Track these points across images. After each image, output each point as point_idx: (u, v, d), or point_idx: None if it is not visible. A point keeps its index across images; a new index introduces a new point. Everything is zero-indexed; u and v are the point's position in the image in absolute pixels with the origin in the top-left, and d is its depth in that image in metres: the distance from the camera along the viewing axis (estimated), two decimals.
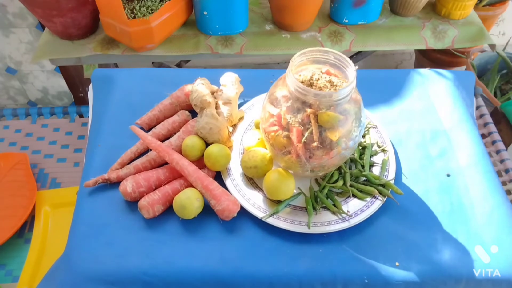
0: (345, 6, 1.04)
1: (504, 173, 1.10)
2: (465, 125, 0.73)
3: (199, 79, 0.71)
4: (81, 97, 1.58)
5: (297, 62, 0.55)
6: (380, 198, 0.62)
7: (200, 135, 0.67)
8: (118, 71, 0.83)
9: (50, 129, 1.50)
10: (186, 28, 1.08)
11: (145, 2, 0.97)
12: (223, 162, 0.64)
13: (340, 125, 0.54)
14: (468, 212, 0.63)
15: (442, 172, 0.68)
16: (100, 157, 0.69)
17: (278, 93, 0.57)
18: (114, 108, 0.76)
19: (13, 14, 1.29)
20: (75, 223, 0.61)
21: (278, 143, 0.58)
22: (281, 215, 0.60)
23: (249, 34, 1.07)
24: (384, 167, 0.66)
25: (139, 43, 0.98)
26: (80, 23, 1.00)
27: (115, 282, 0.56)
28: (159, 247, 0.58)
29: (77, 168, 1.38)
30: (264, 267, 0.57)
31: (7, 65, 1.46)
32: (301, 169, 0.60)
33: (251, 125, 0.72)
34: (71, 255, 0.58)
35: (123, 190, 0.62)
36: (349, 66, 0.54)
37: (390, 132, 0.73)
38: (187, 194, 0.60)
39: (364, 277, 0.56)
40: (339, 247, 0.59)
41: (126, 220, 0.61)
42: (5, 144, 1.45)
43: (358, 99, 0.56)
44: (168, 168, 0.66)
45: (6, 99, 1.60)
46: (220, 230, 0.60)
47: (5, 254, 1.16)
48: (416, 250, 0.59)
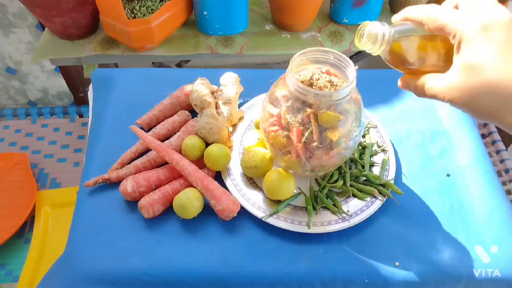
0: (345, 6, 1.04)
1: (504, 173, 1.10)
2: (465, 125, 0.73)
3: (199, 79, 0.71)
4: (81, 97, 1.58)
5: (297, 62, 0.55)
6: (380, 198, 0.62)
7: (200, 135, 0.67)
8: (118, 71, 0.83)
9: (50, 129, 1.51)
10: (186, 28, 1.08)
11: (145, 2, 0.97)
12: (223, 162, 0.64)
13: (340, 125, 0.54)
14: (468, 212, 0.63)
15: (442, 172, 0.68)
16: (100, 157, 0.69)
17: (278, 93, 0.57)
18: (114, 108, 0.76)
19: (13, 14, 1.29)
20: (75, 223, 0.61)
21: (278, 143, 0.58)
22: (281, 215, 0.60)
23: (249, 34, 1.07)
24: (384, 167, 0.66)
25: (139, 43, 0.98)
26: (80, 23, 1.00)
27: (115, 282, 0.56)
28: (159, 247, 0.58)
29: (77, 168, 1.39)
30: (264, 267, 0.57)
31: (7, 65, 1.46)
32: (301, 169, 0.60)
33: (251, 125, 0.72)
34: (71, 255, 0.58)
35: (123, 190, 0.62)
36: (349, 66, 0.54)
37: (390, 132, 0.73)
38: (187, 194, 0.60)
39: (364, 277, 0.56)
40: (339, 247, 0.59)
41: (126, 220, 0.61)
42: (5, 144, 1.45)
43: (358, 99, 0.56)
44: (168, 168, 0.66)
45: (6, 99, 1.60)
46: (220, 230, 0.60)
47: (5, 254, 1.16)
48: (416, 250, 0.59)
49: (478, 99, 0.35)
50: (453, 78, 0.37)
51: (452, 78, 0.37)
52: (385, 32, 0.41)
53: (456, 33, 0.36)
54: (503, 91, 0.34)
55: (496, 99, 0.35)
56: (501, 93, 0.34)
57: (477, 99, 0.35)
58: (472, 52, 0.35)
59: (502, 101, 0.34)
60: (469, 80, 0.36)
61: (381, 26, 0.41)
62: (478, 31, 0.35)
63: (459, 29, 0.36)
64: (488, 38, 0.35)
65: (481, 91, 0.35)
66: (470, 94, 0.36)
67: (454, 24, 0.37)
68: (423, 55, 0.41)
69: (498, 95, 0.34)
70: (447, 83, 0.37)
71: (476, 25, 0.35)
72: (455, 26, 0.36)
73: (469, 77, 0.36)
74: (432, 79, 0.39)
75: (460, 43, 0.36)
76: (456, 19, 0.37)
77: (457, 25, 0.36)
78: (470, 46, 0.36)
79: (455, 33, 0.37)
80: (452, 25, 0.37)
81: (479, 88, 0.35)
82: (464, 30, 0.36)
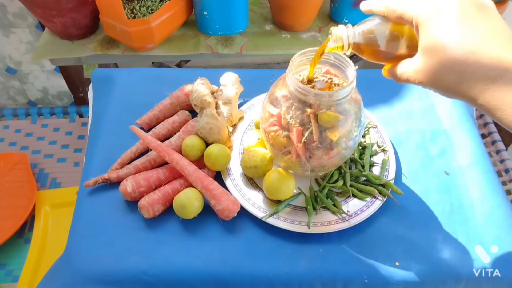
0: (345, 6, 1.04)
1: (504, 173, 1.10)
2: (465, 125, 0.73)
3: (199, 79, 0.71)
4: (81, 97, 1.58)
5: (297, 62, 0.55)
6: (380, 198, 0.62)
7: (200, 135, 0.67)
8: (118, 71, 0.83)
9: (50, 129, 1.51)
10: (186, 28, 1.08)
11: (145, 2, 0.97)
12: (223, 162, 0.64)
13: (340, 125, 0.54)
14: (468, 212, 0.63)
15: (442, 172, 0.68)
16: (100, 157, 0.69)
17: (278, 93, 0.57)
18: (114, 108, 0.76)
19: (13, 14, 1.29)
20: (75, 223, 0.61)
21: (278, 143, 0.58)
22: (281, 215, 0.60)
23: (249, 34, 1.07)
24: (384, 167, 0.66)
25: (139, 43, 0.98)
26: (80, 23, 1.00)
27: (115, 282, 0.56)
28: (159, 247, 0.58)
29: (77, 168, 1.39)
30: (264, 267, 0.57)
31: (7, 65, 1.46)
32: (301, 169, 0.60)
33: (251, 125, 0.72)
34: (71, 255, 0.58)
35: (123, 190, 0.62)
36: (349, 66, 0.54)
37: (390, 132, 0.73)
38: (187, 194, 0.60)
39: (364, 277, 0.56)
40: (339, 247, 0.59)
41: (126, 220, 0.61)
42: (5, 144, 1.45)
43: (358, 99, 0.56)
44: (168, 168, 0.66)
45: (6, 99, 1.60)
46: (220, 230, 0.60)
47: (5, 254, 1.16)
48: (416, 250, 0.59)
49: (441, 78, 0.37)
50: (417, 61, 0.39)
51: (417, 61, 0.39)
52: (349, 34, 0.44)
53: (412, 19, 0.39)
54: (458, 68, 0.36)
55: (455, 76, 0.36)
56: (456, 70, 0.36)
57: (439, 78, 0.37)
58: (427, 35, 0.38)
59: (459, 77, 0.36)
60: (429, 62, 0.38)
61: (345, 28, 0.45)
62: (431, 15, 0.37)
63: (414, 15, 0.38)
64: (440, 19, 0.37)
65: (440, 70, 0.37)
66: (432, 75, 0.38)
67: (410, 11, 0.39)
68: (392, 45, 0.44)
69: (455, 72, 0.36)
70: (414, 66, 0.40)
71: (429, 9, 0.38)
72: (411, 13, 0.39)
73: (429, 59, 0.38)
74: (402, 64, 0.42)
75: (417, 28, 0.39)
76: (411, 6, 0.39)
77: (412, 11, 0.39)
78: (425, 30, 0.38)
79: (411, 20, 0.39)
80: (408, 13, 0.39)
81: (438, 68, 0.37)
82: (418, 15, 0.38)
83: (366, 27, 0.44)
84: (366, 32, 0.44)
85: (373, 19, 0.44)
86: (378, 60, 0.46)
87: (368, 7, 0.44)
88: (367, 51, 0.45)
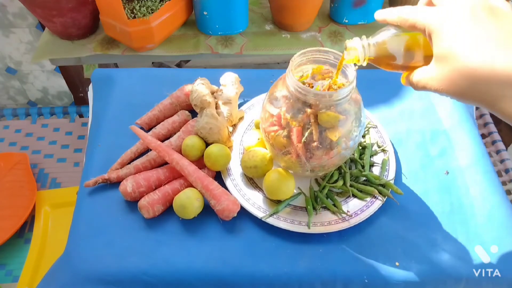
0: (345, 6, 1.04)
1: (504, 173, 1.10)
2: (465, 125, 0.73)
3: (199, 79, 0.71)
4: (81, 97, 1.58)
5: (297, 62, 0.55)
6: (380, 198, 0.62)
7: (200, 135, 0.67)
8: (118, 71, 0.83)
9: (50, 129, 1.51)
10: (186, 28, 1.08)
11: (145, 2, 0.97)
12: (223, 162, 0.64)
13: (340, 125, 0.54)
14: (468, 212, 0.63)
15: (442, 172, 0.68)
16: (100, 157, 0.69)
17: (278, 93, 0.57)
18: (114, 108, 0.76)
19: (13, 14, 1.29)
20: (75, 223, 0.61)
21: (278, 143, 0.58)
22: (281, 215, 0.60)
23: (249, 34, 1.07)
24: (384, 167, 0.66)
25: (139, 43, 0.98)
26: (80, 23, 1.00)
27: (115, 282, 0.56)
28: (159, 247, 0.58)
29: (77, 168, 1.39)
30: (264, 267, 0.57)
31: (7, 65, 1.46)
32: (301, 169, 0.60)
33: (251, 125, 0.72)
34: (71, 255, 0.58)
35: (123, 190, 0.62)
36: (349, 66, 0.54)
37: (390, 132, 0.73)
38: (187, 194, 0.60)
39: (364, 277, 0.56)
40: (339, 247, 0.59)
41: (126, 220, 0.61)
42: (5, 144, 1.45)
43: (358, 99, 0.56)
44: (168, 168, 0.66)
45: (6, 99, 1.60)
46: (220, 230, 0.60)
47: (5, 254, 1.16)
48: (416, 250, 0.59)
49: (456, 86, 0.37)
50: (432, 69, 0.39)
51: (432, 69, 0.39)
52: (364, 46, 0.44)
53: (424, 27, 0.39)
54: (473, 75, 0.36)
55: (470, 83, 0.36)
56: (471, 77, 0.36)
57: (455, 86, 0.37)
58: (440, 43, 0.38)
59: (474, 84, 0.36)
60: (444, 70, 0.38)
61: (359, 41, 0.45)
62: (442, 22, 0.37)
63: (426, 24, 0.39)
64: (452, 27, 0.37)
65: (455, 78, 0.37)
66: (448, 82, 0.38)
67: (422, 20, 0.39)
68: (407, 54, 0.44)
69: (470, 79, 0.36)
70: (429, 74, 0.40)
71: (440, 16, 0.38)
72: (423, 22, 0.39)
73: (443, 67, 0.38)
74: (418, 72, 0.42)
75: (430, 36, 0.39)
76: (423, 15, 0.39)
77: (424, 20, 0.39)
78: (438, 38, 0.38)
79: (423, 28, 0.39)
80: (420, 22, 0.39)
81: (453, 75, 0.37)
82: (430, 23, 0.38)
83: (380, 38, 0.44)
84: (381, 43, 0.44)
85: (387, 29, 0.44)
86: (394, 69, 0.45)
87: (382, 16, 0.43)
88: (383, 61, 0.45)
